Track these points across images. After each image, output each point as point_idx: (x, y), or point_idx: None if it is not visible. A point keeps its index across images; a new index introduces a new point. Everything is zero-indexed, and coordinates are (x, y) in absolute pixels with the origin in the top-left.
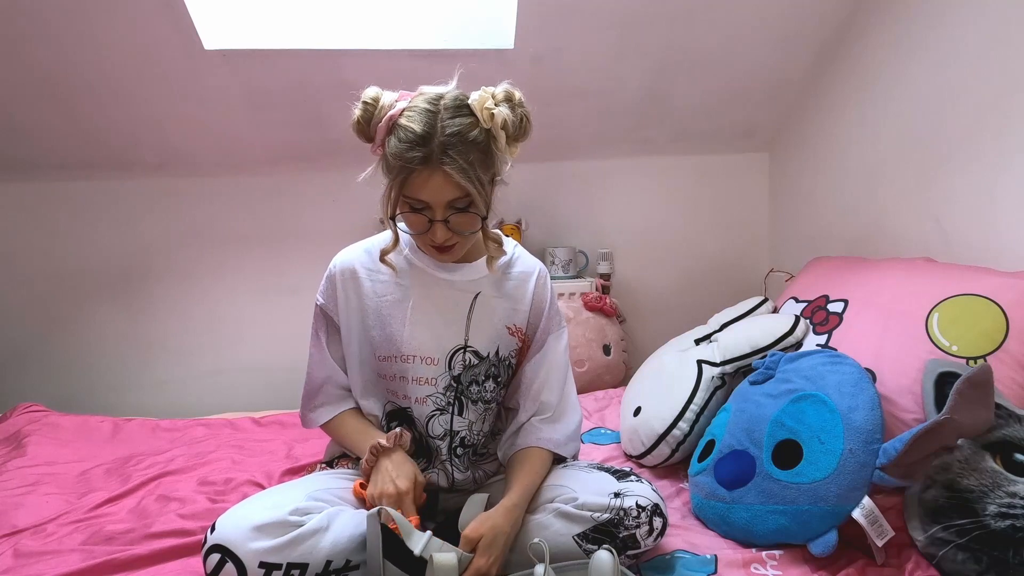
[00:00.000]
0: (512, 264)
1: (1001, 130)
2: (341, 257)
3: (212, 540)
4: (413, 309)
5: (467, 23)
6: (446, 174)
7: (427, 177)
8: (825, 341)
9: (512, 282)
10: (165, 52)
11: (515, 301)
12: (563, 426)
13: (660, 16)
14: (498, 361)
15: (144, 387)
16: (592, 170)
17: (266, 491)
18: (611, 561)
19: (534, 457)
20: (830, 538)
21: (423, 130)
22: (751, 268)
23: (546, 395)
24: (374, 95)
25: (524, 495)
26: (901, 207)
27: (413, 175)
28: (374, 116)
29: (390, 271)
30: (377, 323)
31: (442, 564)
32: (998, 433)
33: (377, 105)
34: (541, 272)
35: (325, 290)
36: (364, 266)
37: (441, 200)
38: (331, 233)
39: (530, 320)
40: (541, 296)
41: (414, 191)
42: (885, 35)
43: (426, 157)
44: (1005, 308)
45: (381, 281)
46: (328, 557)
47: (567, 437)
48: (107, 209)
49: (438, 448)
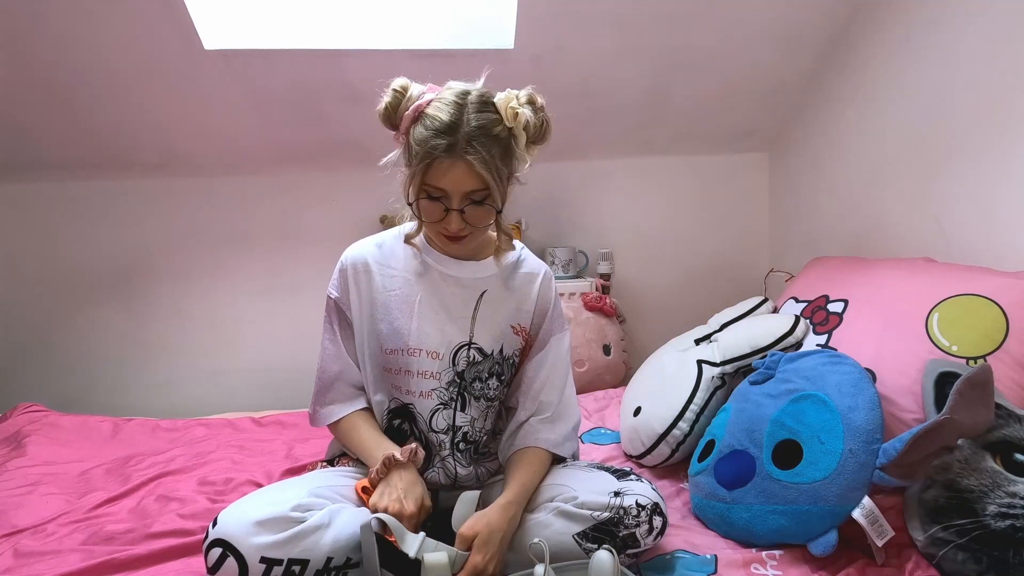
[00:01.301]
0: (519, 264)
1: (1001, 130)
2: (353, 250)
3: (213, 535)
4: (420, 304)
5: (467, 23)
6: (468, 164)
7: (449, 166)
8: (825, 341)
9: (518, 282)
10: (165, 52)
11: (520, 301)
12: (561, 426)
13: (660, 16)
14: (502, 359)
15: (144, 387)
16: (592, 170)
17: (268, 487)
18: (611, 561)
19: (532, 456)
20: (830, 538)
21: (451, 119)
22: (751, 268)
23: (546, 395)
24: (403, 83)
25: (521, 493)
26: (901, 207)
27: (436, 162)
28: (402, 104)
29: (400, 266)
30: (385, 316)
31: (433, 564)
32: (998, 433)
33: (406, 94)
34: (546, 274)
35: (338, 283)
36: (375, 260)
37: (460, 190)
38: (331, 233)
39: (534, 320)
40: (546, 297)
41: (435, 179)
42: (885, 35)
43: (451, 146)
44: (1005, 308)
45: (390, 276)
46: (329, 554)
47: (564, 437)
48: (107, 209)
49: (441, 443)
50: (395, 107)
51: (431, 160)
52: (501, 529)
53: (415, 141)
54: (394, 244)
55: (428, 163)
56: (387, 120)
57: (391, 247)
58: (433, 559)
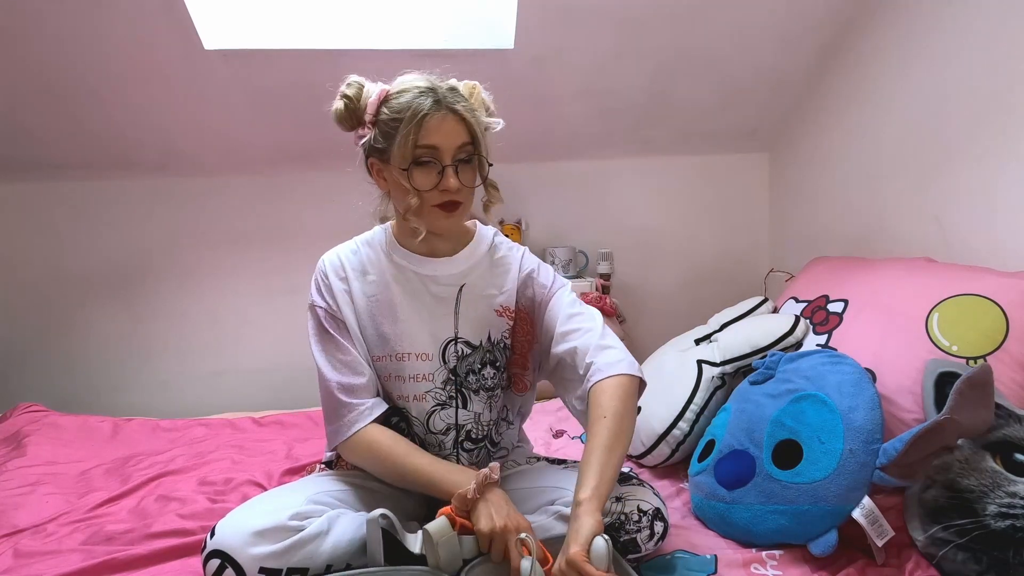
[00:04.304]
0: (494, 251)
1: (1001, 130)
2: (329, 257)
3: (212, 546)
4: (401, 307)
5: (467, 23)
6: (457, 115)
7: (440, 119)
8: (825, 341)
9: (496, 268)
10: (165, 52)
11: (500, 286)
12: (615, 348)
13: (660, 16)
14: (492, 346)
15: (144, 387)
16: (592, 170)
17: (266, 494)
18: (605, 548)
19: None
20: (830, 538)
21: (426, 85)
22: (751, 268)
23: (578, 322)
24: (356, 78)
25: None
26: (901, 207)
27: (427, 119)
28: (362, 96)
29: (377, 271)
30: (369, 323)
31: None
32: (998, 433)
33: (363, 86)
34: (525, 253)
35: (324, 293)
36: (352, 267)
37: (452, 143)
38: (331, 233)
39: (519, 292)
40: (527, 268)
41: (428, 136)
42: (885, 35)
43: (437, 101)
44: (1005, 308)
45: (369, 281)
46: (328, 561)
47: (626, 353)
48: (107, 209)
49: (441, 443)
50: (357, 98)
51: (422, 118)
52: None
53: (393, 112)
54: (368, 249)
55: (419, 122)
56: (349, 117)
57: (365, 252)
58: (434, 525)
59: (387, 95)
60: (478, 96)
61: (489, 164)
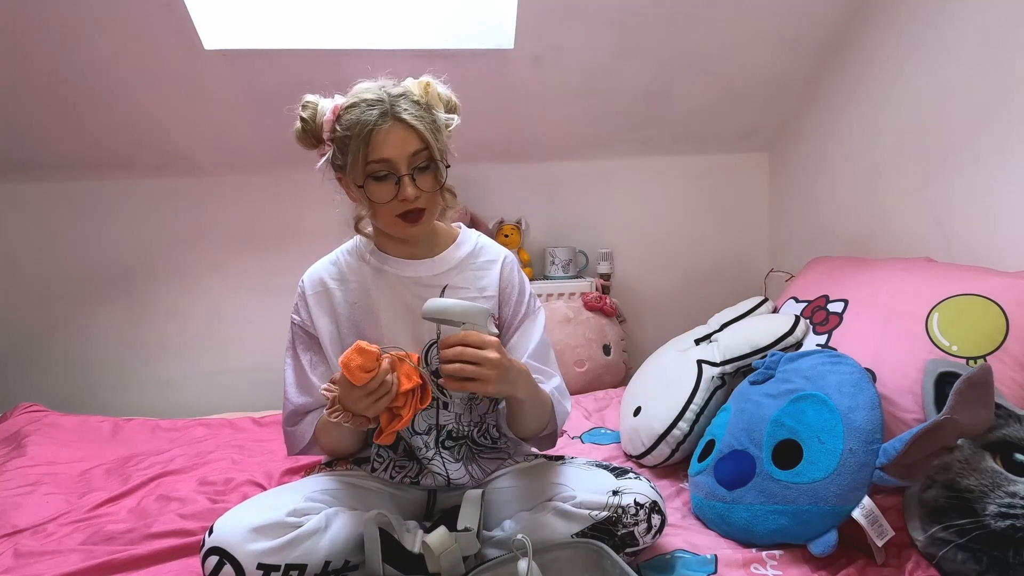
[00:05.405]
0: (478, 253)
1: (1001, 130)
2: (309, 273)
3: (210, 542)
4: (384, 311)
5: (467, 23)
6: (406, 125)
7: (388, 131)
8: (825, 341)
9: (478, 271)
10: (165, 52)
11: (482, 289)
12: (553, 382)
13: (660, 16)
14: None
15: (144, 387)
16: (592, 170)
17: (264, 493)
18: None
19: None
20: (830, 538)
21: (375, 96)
22: (751, 268)
23: (529, 360)
24: (310, 97)
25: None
26: (901, 207)
27: (375, 133)
28: (317, 113)
29: (357, 278)
30: (352, 331)
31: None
32: (998, 433)
33: (317, 105)
34: (507, 258)
35: (300, 308)
36: (332, 277)
37: (404, 153)
38: (331, 233)
39: (501, 308)
40: (508, 280)
41: (378, 150)
42: (885, 35)
43: (383, 113)
44: (1005, 308)
45: (350, 289)
46: (326, 558)
47: (556, 387)
48: (107, 209)
49: (425, 443)
50: (312, 118)
51: (369, 132)
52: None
53: (344, 129)
54: (348, 258)
55: (367, 137)
56: (308, 136)
57: (346, 261)
58: (434, 537)
59: (339, 111)
60: (433, 93)
61: (447, 166)
